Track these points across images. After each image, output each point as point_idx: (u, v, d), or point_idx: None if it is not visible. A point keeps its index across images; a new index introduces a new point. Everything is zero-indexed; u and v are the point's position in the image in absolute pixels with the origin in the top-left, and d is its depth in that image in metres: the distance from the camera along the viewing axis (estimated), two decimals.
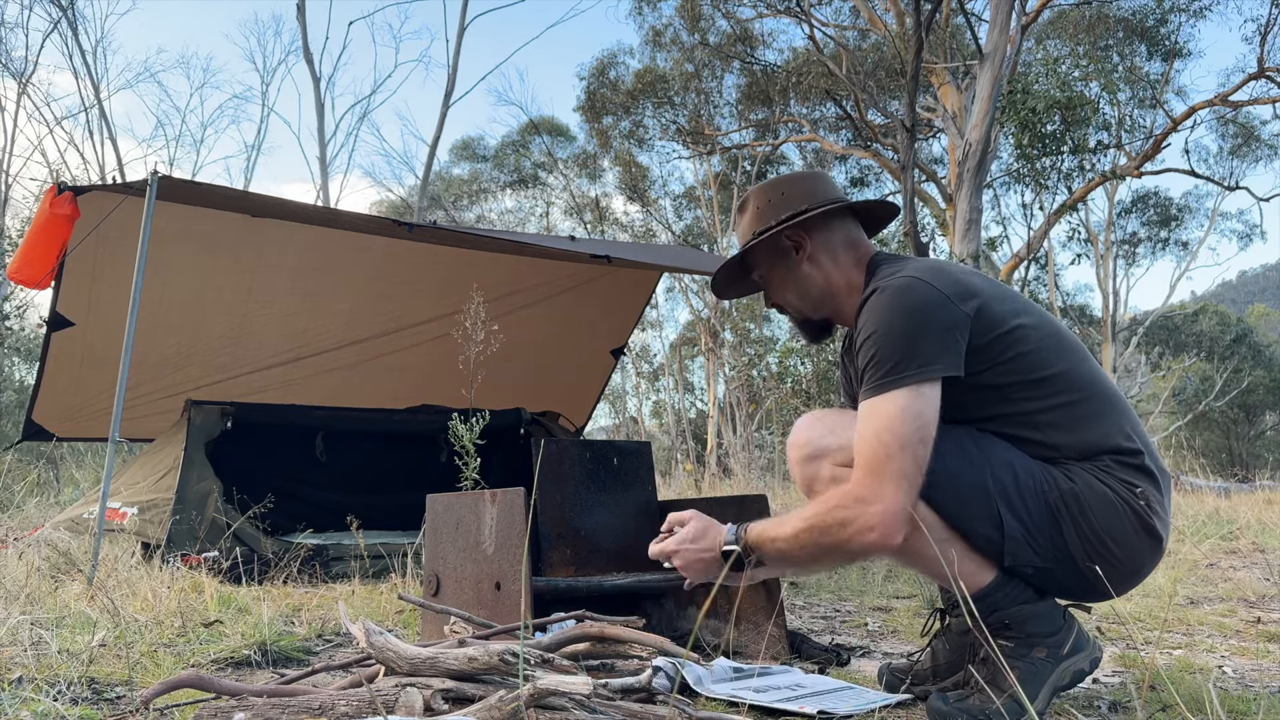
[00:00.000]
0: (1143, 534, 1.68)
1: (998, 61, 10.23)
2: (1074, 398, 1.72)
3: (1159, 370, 25.24)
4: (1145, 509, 1.67)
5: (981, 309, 1.69)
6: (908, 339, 1.63)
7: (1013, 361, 1.69)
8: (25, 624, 2.34)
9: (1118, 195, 22.54)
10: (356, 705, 1.41)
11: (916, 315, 1.65)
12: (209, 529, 4.18)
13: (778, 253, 1.90)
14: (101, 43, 41.42)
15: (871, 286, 1.74)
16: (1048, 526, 1.66)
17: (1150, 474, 1.71)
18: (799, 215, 1.85)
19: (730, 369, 20.37)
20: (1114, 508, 1.66)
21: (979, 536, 1.66)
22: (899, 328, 1.64)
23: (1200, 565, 4.27)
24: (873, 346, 1.66)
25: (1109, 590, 1.69)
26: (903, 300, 1.66)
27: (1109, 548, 1.66)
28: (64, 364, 5.34)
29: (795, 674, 2.11)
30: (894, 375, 1.61)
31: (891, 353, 1.63)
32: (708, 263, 5.83)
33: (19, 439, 6.09)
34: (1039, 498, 1.66)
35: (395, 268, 5.79)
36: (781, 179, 1.93)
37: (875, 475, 1.59)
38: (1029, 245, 15.97)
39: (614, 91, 20.28)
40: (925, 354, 1.62)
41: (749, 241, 1.90)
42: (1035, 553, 1.66)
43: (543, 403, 6.07)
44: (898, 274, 1.72)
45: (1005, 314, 1.71)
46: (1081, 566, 1.67)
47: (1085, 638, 1.74)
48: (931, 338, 1.63)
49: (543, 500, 2.62)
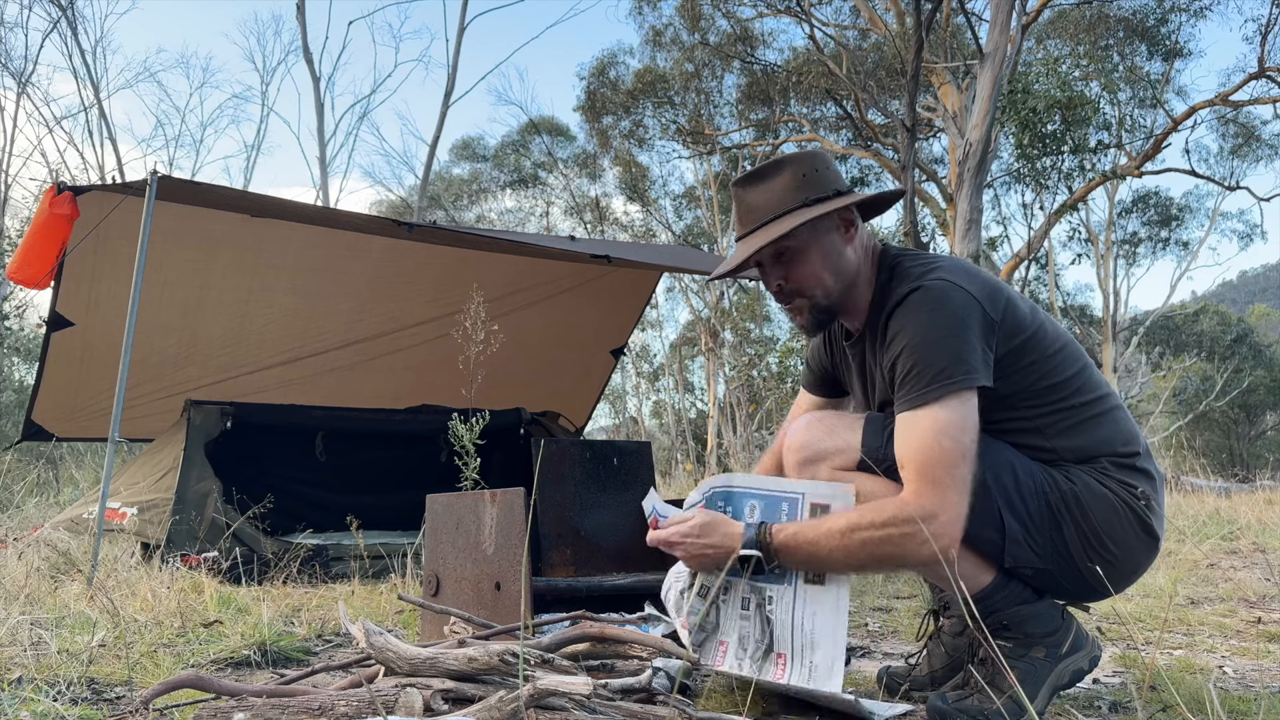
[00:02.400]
0: (1141, 534, 1.69)
1: (998, 61, 10.22)
2: (1075, 403, 1.72)
3: (1159, 370, 25.23)
4: (1144, 509, 1.68)
5: (1006, 317, 1.68)
6: (954, 346, 1.60)
7: (1024, 371, 1.69)
8: (25, 624, 2.34)
9: (1118, 195, 22.52)
10: (356, 705, 1.41)
11: (961, 322, 1.62)
12: (209, 529, 4.18)
13: (823, 228, 1.77)
14: (101, 43, 41.49)
15: (908, 286, 1.68)
16: (1048, 527, 1.66)
17: (1149, 475, 1.72)
18: (854, 194, 1.77)
19: (730, 369, 20.36)
20: (1114, 508, 1.67)
21: (980, 538, 1.65)
22: (945, 334, 1.61)
23: (1201, 565, 4.26)
24: (916, 352, 1.62)
25: (1108, 590, 1.69)
26: (947, 306, 1.63)
27: (1109, 548, 1.67)
28: (64, 364, 5.34)
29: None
30: (943, 382, 1.59)
31: (939, 359, 1.60)
32: (708, 263, 5.83)
33: (19, 439, 6.09)
34: (1040, 498, 1.67)
35: (395, 268, 5.79)
36: (815, 153, 1.83)
37: (938, 485, 1.56)
38: (1029, 245, 15.97)
39: (614, 91, 20.27)
40: (970, 361, 1.60)
41: (796, 208, 1.74)
42: (1035, 554, 1.66)
43: (543, 403, 6.07)
44: (931, 275, 1.69)
45: (1021, 322, 1.70)
46: (1081, 567, 1.67)
47: (1084, 636, 1.74)
48: (973, 345, 1.61)
49: (543, 500, 2.61)
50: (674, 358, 26.31)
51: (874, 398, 1.85)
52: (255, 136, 59.63)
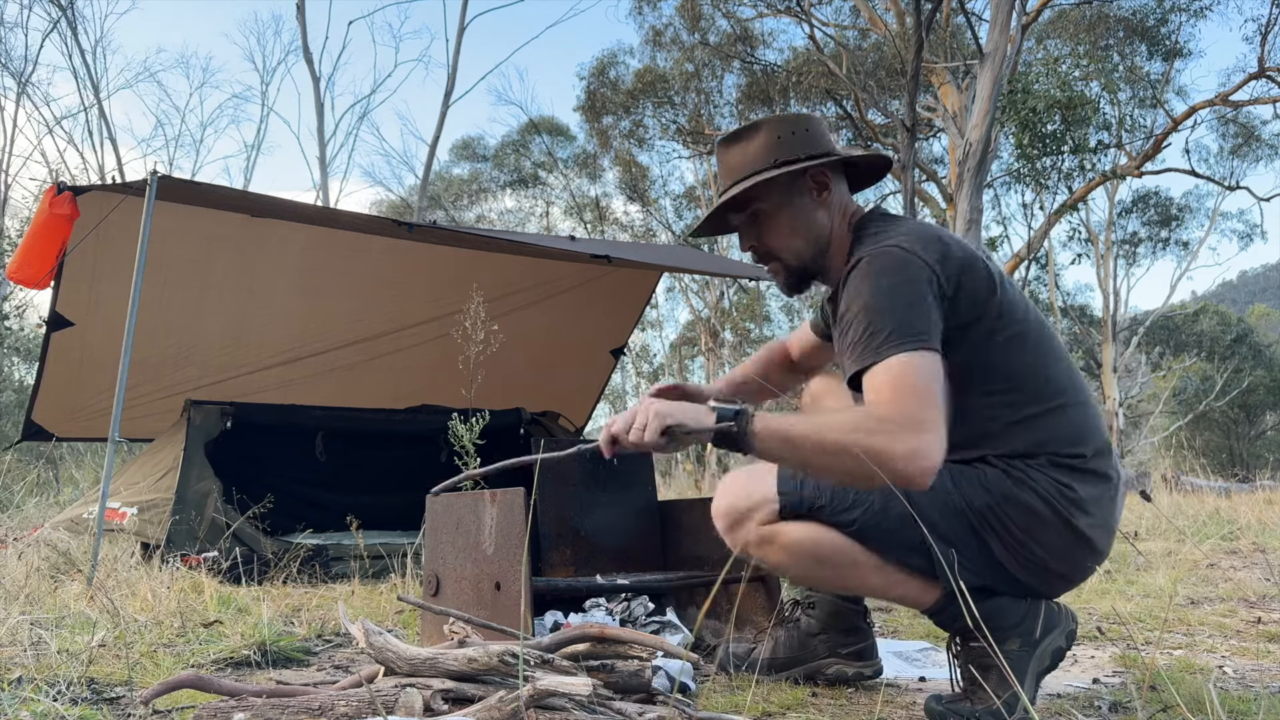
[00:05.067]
0: (1068, 535, 1.65)
1: (998, 61, 10.22)
2: (1021, 397, 1.68)
3: (1159, 370, 25.24)
4: (1071, 510, 1.64)
5: (963, 287, 1.63)
6: (901, 312, 1.55)
7: (970, 348, 1.64)
8: (25, 624, 2.34)
9: (1118, 195, 22.52)
10: (356, 705, 1.41)
11: (910, 287, 1.57)
12: (209, 529, 4.18)
13: (794, 190, 1.76)
14: (101, 43, 41.41)
15: (861, 253, 1.65)
16: (974, 543, 1.66)
17: (1096, 476, 1.68)
18: (829, 155, 1.74)
19: (730, 369, 20.34)
20: (1034, 512, 1.64)
21: (913, 567, 1.65)
22: (892, 299, 1.56)
23: (1201, 565, 4.26)
24: (864, 315, 1.57)
25: (1054, 591, 1.71)
26: (898, 272, 1.59)
27: (1036, 554, 1.66)
28: (64, 364, 5.34)
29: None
30: (894, 343, 1.53)
31: (887, 323, 1.54)
32: (708, 263, 5.85)
33: (19, 439, 6.09)
34: (959, 518, 1.65)
35: (395, 268, 5.79)
36: (800, 116, 1.79)
37: (919, 396, 1.48)
38: (1029, 245, 15.99)
39: (614, 91, 20.28)
40: (919, 326, 1.55)
41: (765, 169, 1.73)
42: (970, 571, 1.64)
43: (543, 403, 6.07)
44: (887, 240, 1.64)
45: (976, 298, 1.64)
46: (1017, 574, 1.67)
47: (1055, 613, 1.72)
48: (924, 312, 1.56)
49: (543, 500, 2.61)
50: (674, 358, 26.33)
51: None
52: (255, 136, 59.56)
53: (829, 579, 1.78)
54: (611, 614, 2.52)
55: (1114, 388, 21.38)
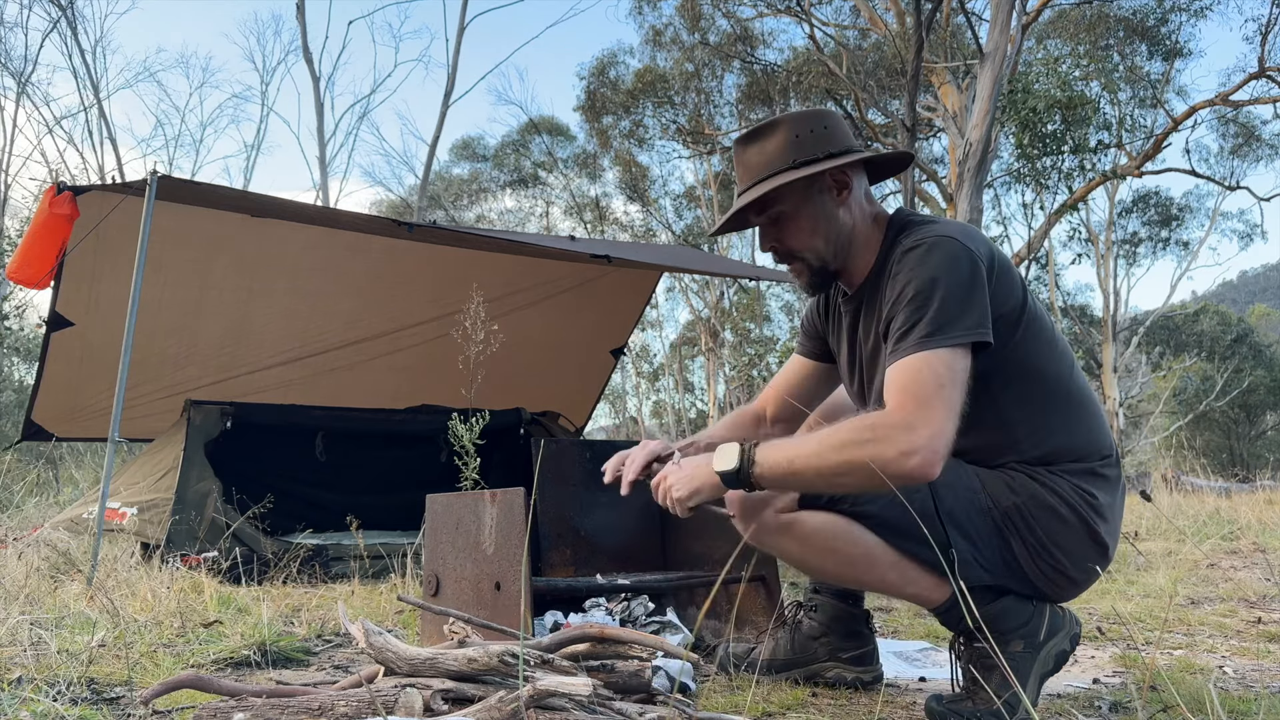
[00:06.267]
0: (1089, 541, 1.68)
1: (998, 61, 10.22)
2: (1048, 402, 1.70)
3: (1160, 370, 25.22)
4: (1093, 517, 1.67)
5: (1000, 285, 1.63)
6: (960, 299, 1.55)
7: (1007, 349, 1.64)
8: (25, 624, 2.33)
9: (1118, 195, 22.51)
10: (356, 706, 1.41)
11: (970, 277, 1.57)
12: (209, 529, 4.18)
13: (814, 190, 1.74)
14: (101, 42, 41.41)
15: (915, 239, 1.64)
16: (996, 542, 1.66)
17: (1110, 482, 1.71)
18: (850, 154, 1.72)
19: (730, 369, 20.37)
20: (1060, 518, 1.66)
21: (929, 560, 1.64)
22: (951, 287, 1.56)
23: (1201, 565, 4.26)
24: (918, 300, 1.56)
25: (1063, 595, 1.72)
26: (957, 261, 1.58)
27: (1056, 557, 1.67)
28: (63, 364, 5.34)
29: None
30: (944, 332, 1.53)
31: (942, 311, 1.54)
32: (708, 263, 5.85)
33: (19, 439, 6.09)
34: (984, 515, 1.66)
35: (395, 268, 5.79)
36: (819, 112, 1.78)
37: (923, 403, 1.48)
38: (1029, 245, 15.99)
39: (614, 91, 20.28)
40: (974, 316, 1.55)
41: (784, 170, 1.71)
42: (984, 570, 1.66)
43: (543, 403, 6.07)
44: (938, 232, 1.64)
45: (1013, 297, 1.66)
46: (1031, 576, 1.68)
47: (1059, 617, 1.73)
48: (979, 301, 1.56)
49: (543, 500, 2.61)
50: (674, 358, 26.33)
51: (858, 360, 1.83)
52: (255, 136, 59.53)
53: (842, 572, 1.75)
54: (611, 614, 2.51)
55: (1114, 388, 21.38)
